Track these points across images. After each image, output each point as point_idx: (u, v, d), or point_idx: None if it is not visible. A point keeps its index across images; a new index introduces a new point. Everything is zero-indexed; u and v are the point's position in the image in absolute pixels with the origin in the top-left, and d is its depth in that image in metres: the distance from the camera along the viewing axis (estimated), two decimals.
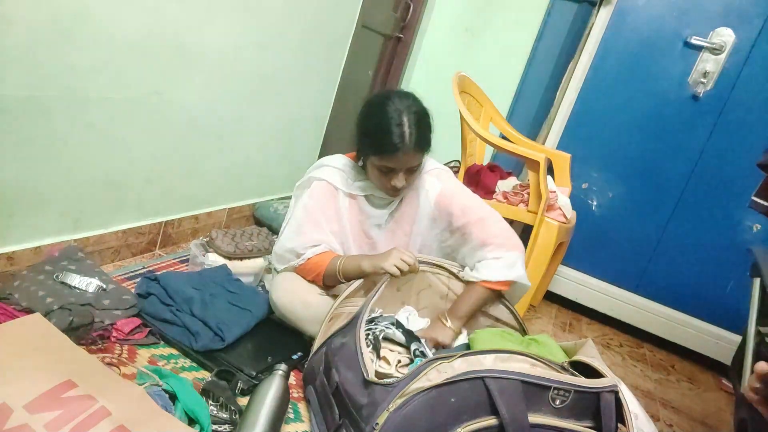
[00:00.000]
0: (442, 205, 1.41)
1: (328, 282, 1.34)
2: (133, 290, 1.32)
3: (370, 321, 1.25)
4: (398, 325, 1.25)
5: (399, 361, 1.17)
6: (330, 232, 1.38)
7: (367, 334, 1.19)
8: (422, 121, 1.29)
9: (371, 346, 1.17)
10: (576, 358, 1.10)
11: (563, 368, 1.04)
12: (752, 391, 0.70)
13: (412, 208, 1.44)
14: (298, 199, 1.42)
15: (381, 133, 1.26)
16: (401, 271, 1.24)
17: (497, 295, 1.40)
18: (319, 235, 1.36)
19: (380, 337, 1.19)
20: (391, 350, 1.21)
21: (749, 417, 1.03)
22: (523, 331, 1.41)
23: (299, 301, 1.34)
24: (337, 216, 1.40)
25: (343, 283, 1.32)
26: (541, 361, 1.03)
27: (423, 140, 1.29)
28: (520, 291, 1.45)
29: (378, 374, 1.03)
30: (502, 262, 1.35)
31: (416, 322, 1.36)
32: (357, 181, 1.41)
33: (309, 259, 1.34)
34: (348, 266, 1.30)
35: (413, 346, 1.20)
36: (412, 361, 1.18)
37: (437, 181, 1.43)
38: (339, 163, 1.42)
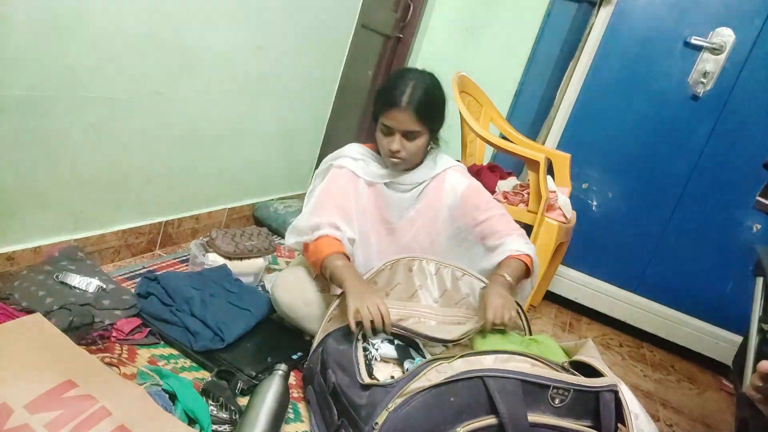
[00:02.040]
0: (469, 199, 1.43)
1: (322, 273, 1.27)
2: (132, 290, 1.32)
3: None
4: (393, 338, 1.23)
5: (392, 377, 1.17)
6: (346, 217, 1.35)
7: (365, 351, 1.18)
8: (429, 93, 1.32)
9: (365, 362, 1.16)
10: (576, 358, 1.10)
11: (563, 368, 1.04)
12: (755, 390, 0.70)
13: (437, 199, 1.45)
14: (317, 184, 1.44)
15: (386, 90, 1.32)
16: (361, 323, 1.12)
17: (527, 273, 1.38)
18: (338, 220, 1.32)
19: (375, 358, 1.18)
20: (386, 362, 1.20)
21: (750, 416, 1.03)
22: (529, 331, 1.41)
23: (300, 298, 1.34)
24: (357, 201, 1.41)
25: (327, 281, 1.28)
26: (542, 362, 1.03)
27: (424, 108, 1.30)
28: (525, 291, 1.46)
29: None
30: (525, 242, 1.39)
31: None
32: (378, 169, 1.43)
33: (321, 237, 1.28)
34: (336, 274, 1.22)
35: (406, 365, 1.19)
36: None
37: (463, 177, 1.47)
38: (357, 153, 1.44)
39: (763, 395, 0.69)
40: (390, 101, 1.30)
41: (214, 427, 1.00)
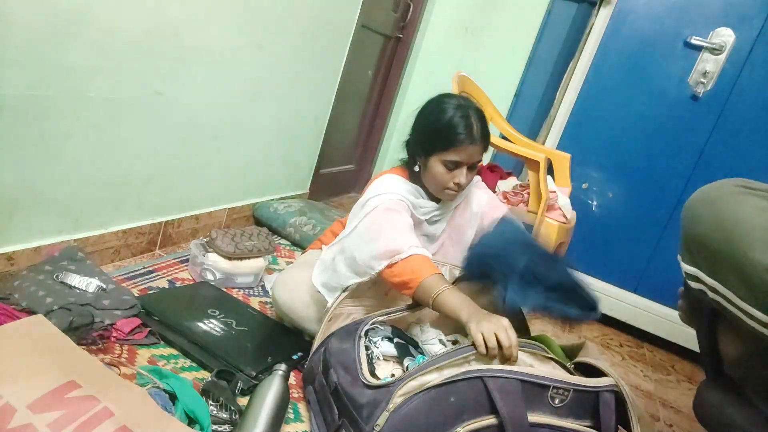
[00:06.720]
0: (488, 215, 1.44)
1: (417, 298, 1.17)
2: (135, 292, 1.32)
3: (367, 332, 1.20)
4: (393, 337, 1.24)
5: (392, 375, 1.17)
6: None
7: (367, 351, 1.17)
8: (483, 117, 1.34)
9: (367, 361, 1.15)
10: (580, 359, 1.10)
11: (564, 366, 1.04)
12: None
13: (465, 220, 1.46)
14: (366, 214, 1.29)
15: (449, 127, 1.29)
16: (489, 349, 0.98)
17: None
18: (415, 240, 1.22)
19: (376, 356, 1.18)
20: (386, 360, 1.20)
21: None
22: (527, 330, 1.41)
23: (300, 299, 1.34)
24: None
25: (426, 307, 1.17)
26: (542, 355, 1.03)
27: (487, 135, 1.34)
28: None
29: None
30: None
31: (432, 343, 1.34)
32: (424, 205, 1.38)
33: (411, 256, 1.16)
34: (445, 302, 1.10)
35: (406, 362, 1.19)
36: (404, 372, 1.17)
37: (483, 192, 1.49)
38: (404, 190, 1.35)
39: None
40: (460, 139, 1.28)
41: (214, 427, 1.00)
